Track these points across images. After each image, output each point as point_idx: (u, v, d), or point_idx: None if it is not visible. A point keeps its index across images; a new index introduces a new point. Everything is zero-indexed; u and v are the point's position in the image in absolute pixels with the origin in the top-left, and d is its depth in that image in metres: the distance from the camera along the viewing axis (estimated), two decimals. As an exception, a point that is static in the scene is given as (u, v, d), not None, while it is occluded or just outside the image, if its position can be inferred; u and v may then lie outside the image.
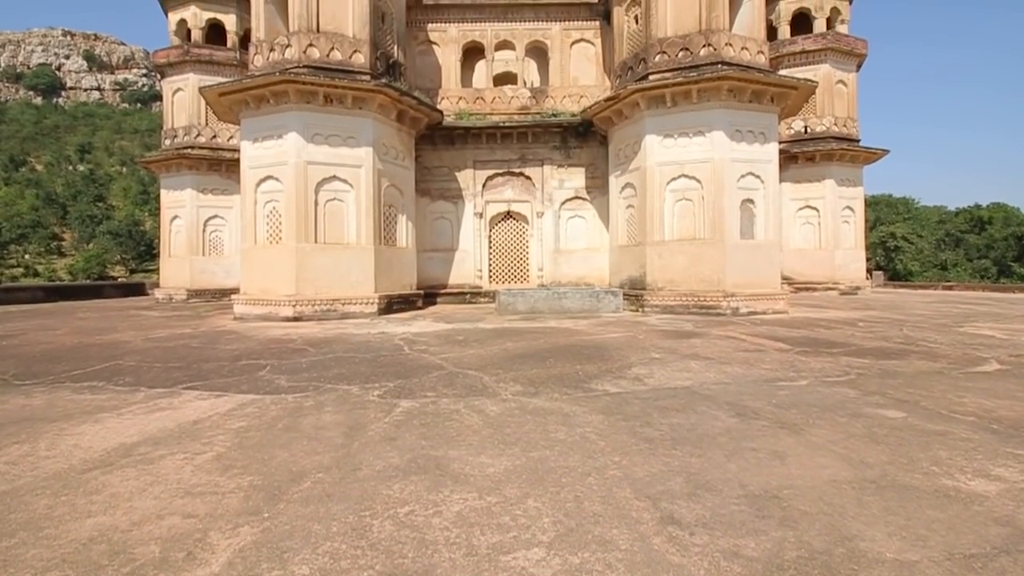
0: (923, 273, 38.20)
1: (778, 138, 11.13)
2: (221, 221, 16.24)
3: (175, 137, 16.33)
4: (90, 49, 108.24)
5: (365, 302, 10.24)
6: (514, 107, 13.43)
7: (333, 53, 10.57)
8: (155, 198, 51.98)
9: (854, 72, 16.72)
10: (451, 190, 13.27)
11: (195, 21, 16.24)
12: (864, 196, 17.14)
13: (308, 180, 10.19)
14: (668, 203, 10.41)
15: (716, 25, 10.30)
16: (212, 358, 5.70)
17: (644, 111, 10.68)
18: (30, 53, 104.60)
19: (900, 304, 12.73)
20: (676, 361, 5.19)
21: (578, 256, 13.21)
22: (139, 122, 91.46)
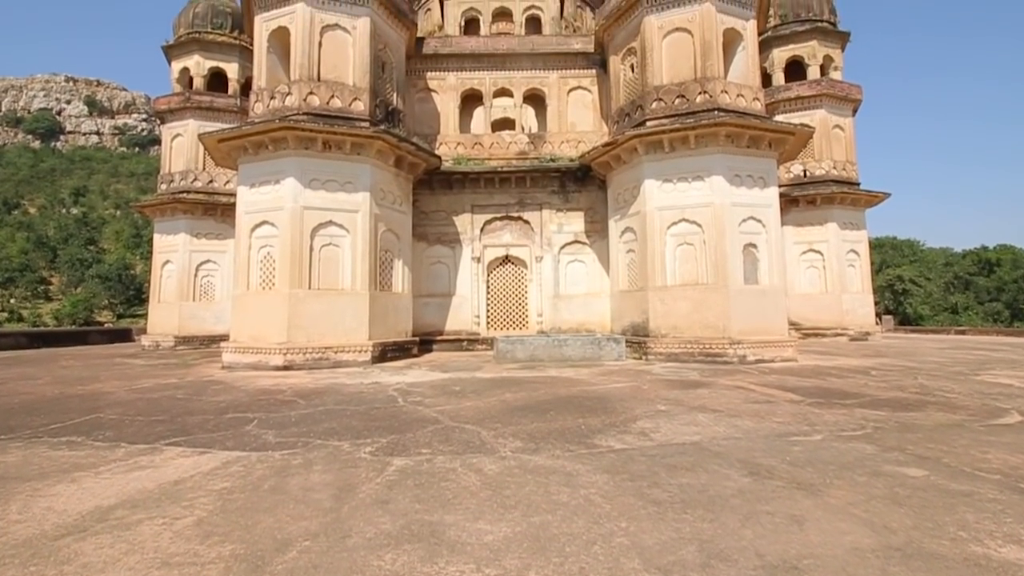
0: (934, 317, 38.23)
1: (778, 182, 11.41)
2: (213, 266, 16.36)
3: (171, 182, 16.69)
4: (92, 95, 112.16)
5: (359, 350, 10.16)
6: (512, 152, 13.82)
7: (333, 101, 10.98)
8: (148, 241, 52.44)
9: (850, 117, 17.33)
10: (449, 234, 13.45)
11: (198, 69, 16.94)
12: (868, 239, 17.39)
13: (304, 225, 10.34)
14: (669, 247, 10.55)
15: (711, 73, 10.77)
16: (197, 411, 5.60)
17: (642, 156, 10.99)
18: (32, 98, 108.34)
19: (912, 351, 12.67)
20: (683, 414, 5.10)
21: (578, 301, 13.25)
22: (136, 165, 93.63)
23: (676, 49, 11.14)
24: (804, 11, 17.57)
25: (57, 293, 58.17)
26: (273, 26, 11.45)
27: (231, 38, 17.20)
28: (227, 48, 17.11)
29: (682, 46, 11.10)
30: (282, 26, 11.32)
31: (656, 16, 11.27)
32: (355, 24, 11.35)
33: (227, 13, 17.44)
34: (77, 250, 61.23)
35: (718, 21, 10.95)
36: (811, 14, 17.52)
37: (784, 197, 14.50)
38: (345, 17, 11.29)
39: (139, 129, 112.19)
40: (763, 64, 16.85)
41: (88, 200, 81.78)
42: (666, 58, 11.19)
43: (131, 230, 67.43)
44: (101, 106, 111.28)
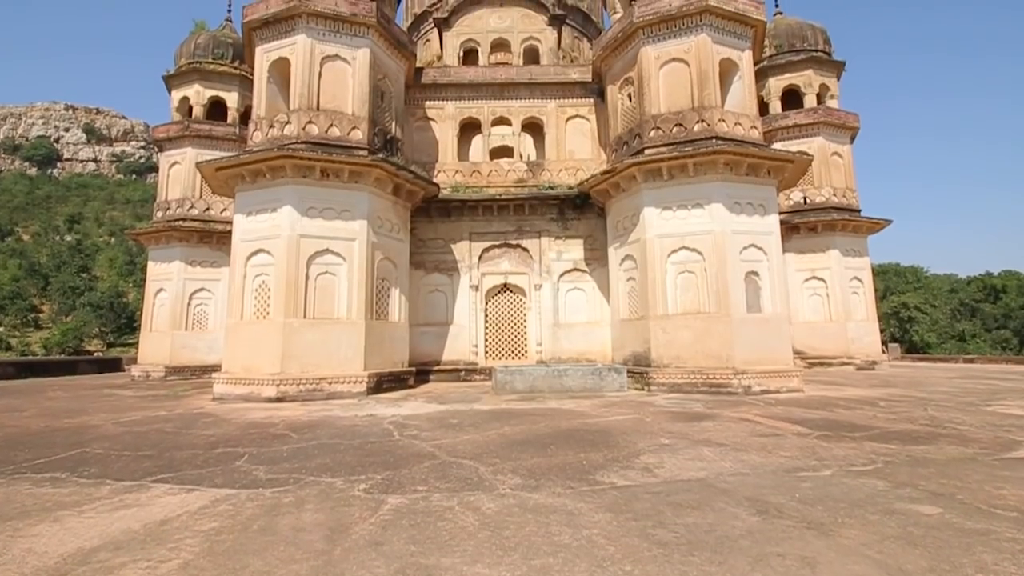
0: (941, 345, 38.14)
1: (778, 209, 11.53)
2: (207, 294, 16.35)
3: (167, 209, 16.83)
4: (91, 122, 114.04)
5: (353, 381, 10.08)
6: (511, 180, 14.00)
7: (332, 129, 11.18)
8: (141, 269, 52.47)
9: (848, 144, 17.64)
10: (446, 262, 13.51)
11: (197, 98, 17.27)
12: (871, 265, 17.49)
13: (300, 253, 10.39)
14: (670, 276, 10.59)
15: (708, 102, 11.01)
16: (186, 445, 5.52)
17: (641, 184, 11.14)
18: (30, 126, 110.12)
19: (921, 380, 12.59)
20: (688, 448, 5.03)
21: (578, 330, 13.22)
22: (132, 192, 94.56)
23: (673, 79, 11.42)
24: (799, 41, 18.09)
25: (47, 321, 57.93)
26: (274, 57, 11.74)
27: (231, 68, 17.60)
28: (227, 77, 17.49)
29: (679, 76, 11.38)
30: (283, 57, 11.61)
31: (653, 47, 11.59)
32: (355, 55, 11.65)
33: (228, 44, 17.90)
34: (69, 277, 61.27)
35: (714, 52, 11.25)
36: (806, 44, 18.03)
37: (785, 224, 14.63)
38: (345, 48, 11.60)
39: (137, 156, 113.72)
40: (760, 93, 17.25)
41: (83, 227, 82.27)
42: (663, 87, 11.45)
43: (125, 257, 67.65)
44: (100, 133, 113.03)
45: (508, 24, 16.35)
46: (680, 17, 11.30)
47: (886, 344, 23.19)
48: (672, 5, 11.32)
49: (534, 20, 16.40)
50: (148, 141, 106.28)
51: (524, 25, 16.38)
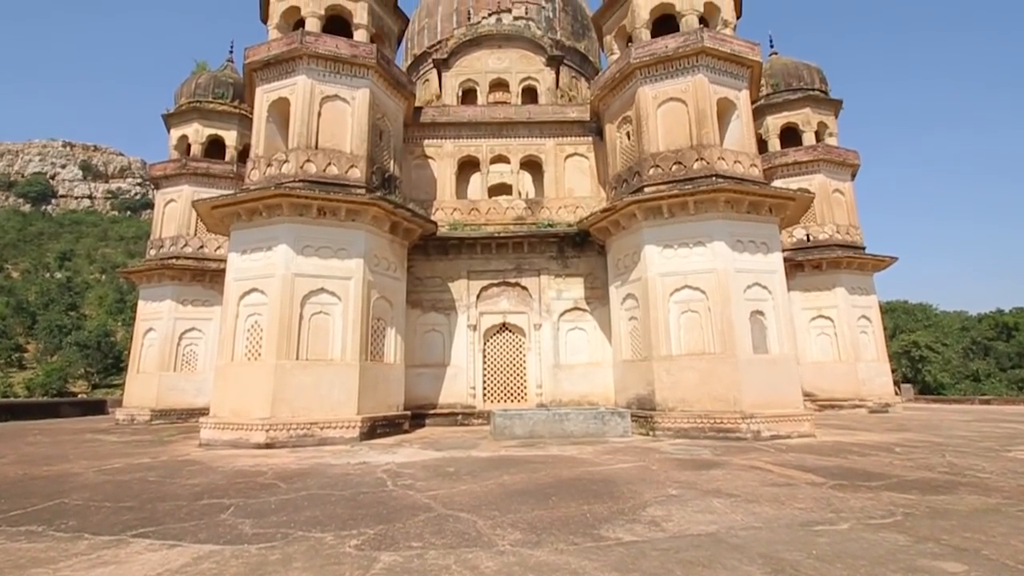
0: (955, 386, 37.76)
1: (781, 247, 11.64)
2: (198, 334, 16.28)
3: (161, 247, 16.95)
4: (87, 159, 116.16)
5: (346, 425, 9.92)
6: (509, 217, 14.17)
7: (330, 168, 11.40)
8: (131, 307, 52.32)
9: (849, 181, 17.96)
10: (444, 301, 13.52)
11: (196, 136, 17.67)
12: (879, 303, 17.51)
13: (295, 292, 10.41)
14: (673, 315, 10.58)
15: (707, 141, 11.27)
16: (170, 495, 5.38)
17: (642, 222, 11.27)
18: (27, 162, 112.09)
19: (937, 424, 12.41)
20: (697, 499, 4.91)
21: (580, 371, 13.10)
22: (126, 229, 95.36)
23: (671, 118, 11.73)
24: (795, 81, 18.69)
25: (32, 361, 57.39)
26: (274, 97, 12.08)
27: (231, 107, 18.09)
28: (226, 116, 17.95)
29: (677, 115, 11.69)
30: (283, 97, 11.95)
31: (650, 87, 11.95)
32: (354, 95, 11.99)
33: (229, 83, 18.45)
34: (57, 316, 61.06)
35: (711, 91, 11.60)
36: (802, 83, 18.63)
37: (789, 262, 14.72)
38: (345, 88, 11.95)
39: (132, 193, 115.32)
40: (758, 131, 17.69)
41: (74, 264, 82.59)
42: (662, 126, 11.75)
43: (115, 295, 67.62)
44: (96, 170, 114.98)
45: (506, 65, 16.91)
46: (677, 58, 11.70)
47: (898, 385, 22.96)
48: (668, 47, 11.74)
49: (532, 61, 16.97)
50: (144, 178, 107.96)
51: (522, 66, 16.94)
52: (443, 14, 19.10)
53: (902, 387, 24.68)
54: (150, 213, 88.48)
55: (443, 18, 19.06)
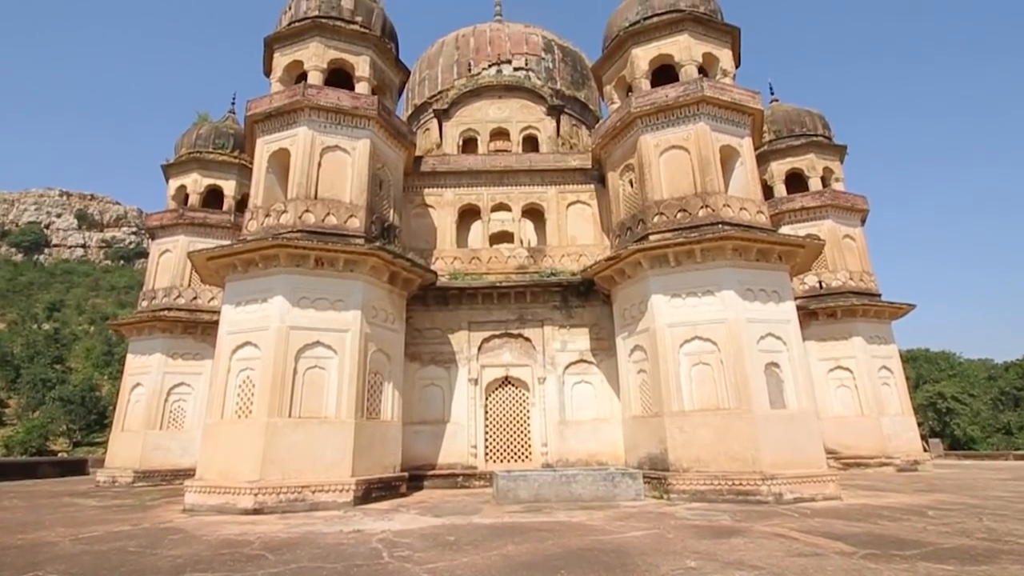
0: (987, 440, 36.82)
1: (793, 295, 11.63)
2: (187, 389, 16.13)
3: (153, 298, 17.04)
4: (84, 208, 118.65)
5: (340, 488, 9.65)
6: (511, 266, 14.26)
7: (329, 218, 11.60)
8: (118, 360, 52.08)
9: (859, 227, 18.13)
10: (444, 354, 13.42)
11: (194, 187, 18.06)
12: (899, 353, 17.32)
13: (289, 346, 10.37)
14: (684, 368, 10.46)
15: (711, 188, 11.47)
16: (150, 568, 5.18)
17: (648, 270, 11.32)
18: (22, 212, 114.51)
19: (971, 483, 12.02)
20: (718, 572, 4.70)
21: (587, 428, 12.83)
22: (118, 279, 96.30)
23: (674, 165, 11.99)
24: (798, 127, 19.19)
25: (13, 417, 56.65)
26: (274, 148, 12.45)
27: (231, 157, 18.58)
28: (226, 166, 18.41)
29: (680, 162, 11.96)
30: (283, 148, 12.31)
31: (652, 135, 12.28)
32: (355, 145, 12.35)
33: (230, 134, 19.02)
34: (42, 369, 60.72)
35: (713, 139, 11.90)
36: (805, 129, 19.12)
37: (802, 310, 14.67)
38: (345, 139, 12.32)
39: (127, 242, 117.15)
40: (763, 176, 18.00)
41: (63, 315, 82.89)
42: (665, 174, 11.99)
43: (103, 347, 67.46)
44: (91, 219, 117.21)
45: (507, 114, 17.48)
46: (677, 107, 12.08)
47: (926, 440, 22.41)
48: (669, 96, 12.14)
49: (532, 111, 17.56)
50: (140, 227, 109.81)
51: (523, 115, 17.51)
52: (444, 65, 19.90)
53: (930, 442, 24.06)
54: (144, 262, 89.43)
55: (444, 69, 19.84)
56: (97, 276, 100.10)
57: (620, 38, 13.50)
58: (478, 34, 19.98)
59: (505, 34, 19.75)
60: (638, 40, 13.21)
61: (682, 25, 12.89)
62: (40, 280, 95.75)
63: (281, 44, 13.37)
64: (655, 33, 13.11)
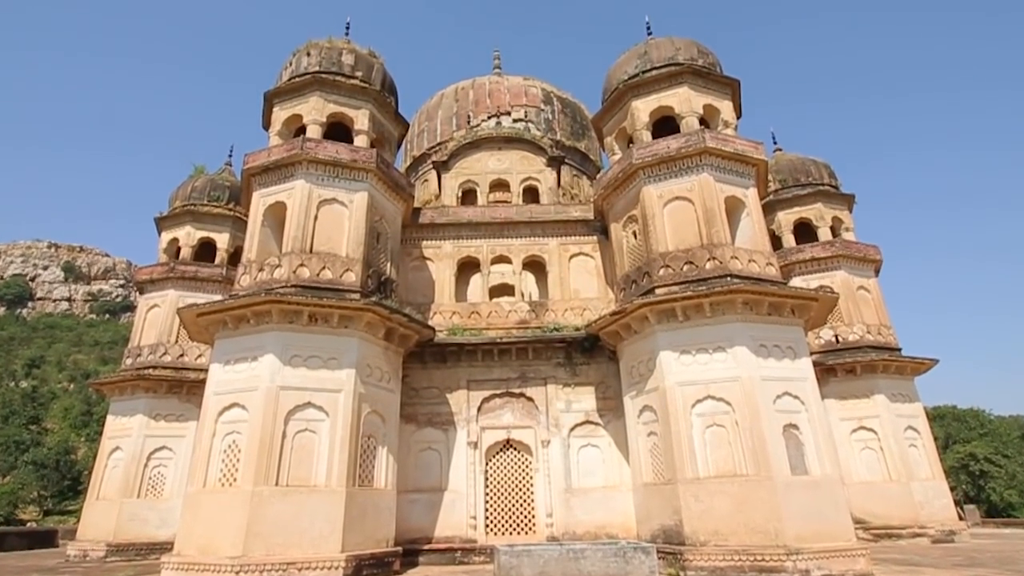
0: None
1: (809, 351, 11.54)
2: (168, 454, 15.80)
3: (138, 356, 16.94)
4: (71, 260, 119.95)
5: (328, 566, 9.29)
6: (512, 321, 14.23)
7: (324, 272, 11.71)
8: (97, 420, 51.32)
9: (874, 277, 18.14)
10: (441, 415, 13.18)
11: (187, 239, 18.28)
12: (925, 411, 16.99)
13: (279, 407, 10.26)
14: (697, 430, 10.26)
15: (718, 239, 11.60)
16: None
17: (655, 325, 11.29)
18: (8, 264, 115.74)
19: (1012, 555, 11.55)
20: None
21: (595, 497, 12.43)
22: (103, 334, 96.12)
23: (679, 216, 12.18)
24: (803, 176, 19.54)
25: (-20, 483, 55.34)
26: (271, 201, 12.72)
27: (226, 210, 18.89)
28: (220, 219, 18.70)
29: (684, 214, 12.15)
30: (279, 201, 12.58)
31: (655, 186, 12.54)
32: (352, 198, 12.62)
33: (225, 186, 19.42)
34: (16, 430, 59.72)
35: (718, 190, 12.14)
36: (810, 179, 19.45)
37: (819, 366, 14.51)
38: (343, 192, 12.61)
39: (114, 295, 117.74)
40: (770, 226, 18.18)
41: (42, 372, 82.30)
42: (669, 225, 12.16)
43: (82, 407, 66.57)
44: (79, 272, 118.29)
45: (507, 166, 17.91)
46: (680, 158, 12.40)
47: (961, 506, 21.68)
48: (671, 147, 12.48)
49: (533, 162, 18.00)
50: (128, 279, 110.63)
51: (523, 166, 17.94)
52: (443, 117, 20.58)
53: (966, 509, 23.25)
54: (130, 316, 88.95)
55: (443, 121, 20.51)
56: (81, 331, 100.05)
57: (620, 90, 14.02)
58: (477, 86, 20.75)
59: (504, 86, 20.51)
60: (638, 92, 13.71)
61: (681, 78, 13.41)
62: (21, 335, 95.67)
63: (281, 98, 13.90)
64: (655, 85, 13.62)
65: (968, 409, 49.62)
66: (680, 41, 14.57)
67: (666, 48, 14.31)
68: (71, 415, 65.40)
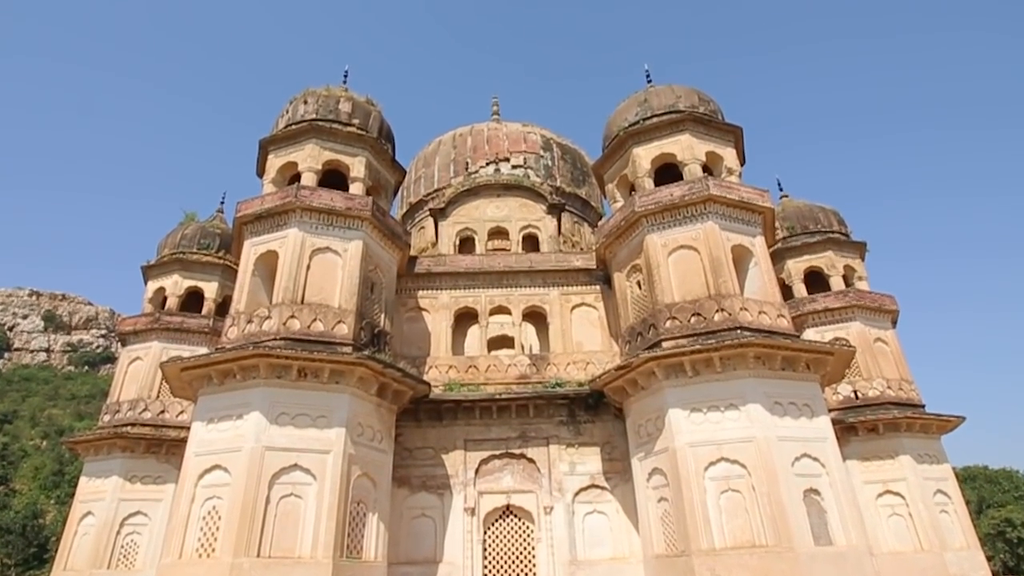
0: (1072, 576, 34.20)
1: (827, 408, 11.38)
2: (143, 520, 15.34)
3: (117, 412, 16.69)
4: (53, 309, 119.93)
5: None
6: (512, 376, 14.08)
7: (315, 324, 11.71)
8: (69, 481, 50.13)
9: (891, 329, 18.00)
10: (436, 478, 12.87)
11: (174, 289, 18.28)
12: (955, 472, 16.55)
13: (263, 470, 10.11)
14: (711, 495, 10.00)
15: (726, 290, 11.63)
16: None
17: (663, 381, 11.19)
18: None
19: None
20: None
21: (602, 570, 11.99)
22: (80, 387, 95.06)
23: (684, 266, 12.27)
24: (812, 223, 19.68)
25: (-62, 550, 53.57)
26: (262, 250, 12.87)
27: (215, 258, 19.02)
28: (209, 267, 18.79)
29: (690, 263, 12.25)
30: (271, 250, 12.74)
31: (658, 235, 12.70)
32: (347, 247, 12.76)
33: (216, 234, 19.60)
34: (-19, 492, 58.38)
35: (724, 238, 12.29)
36: (819, 226, 19.57)
37: (838, 424, 14.21)
38: (337, 240, 12.77)
39: (95, 346, 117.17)
40: (779, 275, 18.17)
41: (14, 427, 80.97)
42: (675, 275, 12.23)
43: (54, 466, 65.13)
44: (59, 321, 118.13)
45: (506, 213, 18.15)
46: (684, 206, 12.62)
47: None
48: (674, 195, 12.70)
49: (532, 209, 18.25)
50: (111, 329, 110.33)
51: (522, 214, 18.18)
52: (440, 163, 21.04)
53: (1006, 581, 22.34)
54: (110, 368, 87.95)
55: (440, 167, 20.96)
56: (58, 383, 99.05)
57: (620, 138, 14.38)
58: (475, 133, 21.30)
59: (503, 133, 21.06)
60: (639, 140, 14.07)
61: (682, 125, 13.79)
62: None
63: (276, 146, 14.27)
64: (656, 133, 13.99)
65: (1000, 470, 48.52)
66: (680, 89, 15.06)
67: (666, 96, 14.78)
68: (42, 475, 63.95)
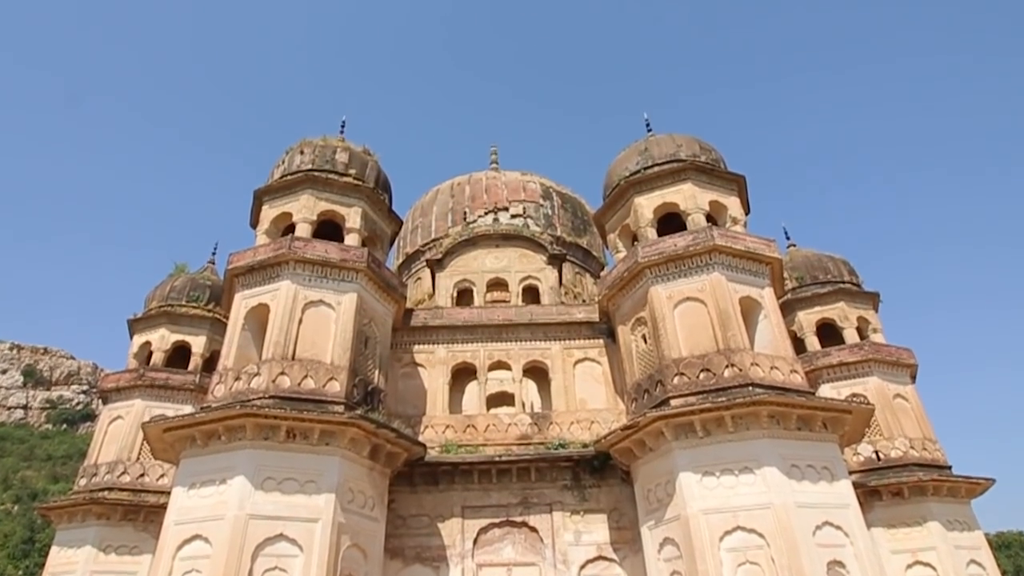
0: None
1: (848, 471, 11.11)
2: (115, 596, 14.79)
3: (94, 475, 16.31)
4: (33, 363, 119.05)
5: None
6: (512, 436, 13.80)
7: (306, 381, 11.59)
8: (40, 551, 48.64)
9: (910, 384, 17.69)
10: (431, 548, 12.45)
11: (160, 343, 18.15)
12: (987, 540, 15.98)
13: (247, 540, 9.85)
14: (727, 569, 9.65)
15: (735, 344, 11.54)
16: None
17: (672, 442, 10.97)
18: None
19: None
20: None
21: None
22: (56, 446, 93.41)
23: (691, 319, 12.23)
24: (821, 273, 19.63)
25: None
26: (253, 303, 12.87)
27: (204, 310, 18.96)
28: (197, 320, 18.71)
29: (697, 316, 12.21)
30: (263, 303, 12.73)
31: (663, 286, 12.71)
32: (340, 300, 12.77)
33: (207, 286, 19.62)
34: (-56, 561, 56.48)
35: (731, 290, 12.29)
36: (830, 276, 19.50)
37: (860, 488, 13.76)
38: (331, 293, 12.78)
39: (75, 402, 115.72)
40: (790, 327, 17.96)
41: (-16, 490, 79.23)
42: (681, 328, 12.17)
43: (24, 533, 63.26)
44: (39, 376, 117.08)
45: (505, 264, 18.18)
46: (688, 256, 12.68)
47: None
48: (678, 245, 12.79)
49: (532, 259, 18.29)
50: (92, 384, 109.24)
51: (522, 264, 18.22)
52: (438, 213, 21.30)
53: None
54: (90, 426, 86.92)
55: (438, 217, 21.21)
56: (34, 443, 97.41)
57: (621, 187, 14.60)
58: (474, 182, 21.65)
59: (502, 181, 21.40)
60: (640, 189, 14.28)
61: (684, 174, 14.02)
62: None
63: (271, 196, 14.47)
64: (657, 182, 14.20)
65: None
66: (681, 138, 15.39)
67: (667, 145, 15.07)
68: (11, 543, 62.07)
